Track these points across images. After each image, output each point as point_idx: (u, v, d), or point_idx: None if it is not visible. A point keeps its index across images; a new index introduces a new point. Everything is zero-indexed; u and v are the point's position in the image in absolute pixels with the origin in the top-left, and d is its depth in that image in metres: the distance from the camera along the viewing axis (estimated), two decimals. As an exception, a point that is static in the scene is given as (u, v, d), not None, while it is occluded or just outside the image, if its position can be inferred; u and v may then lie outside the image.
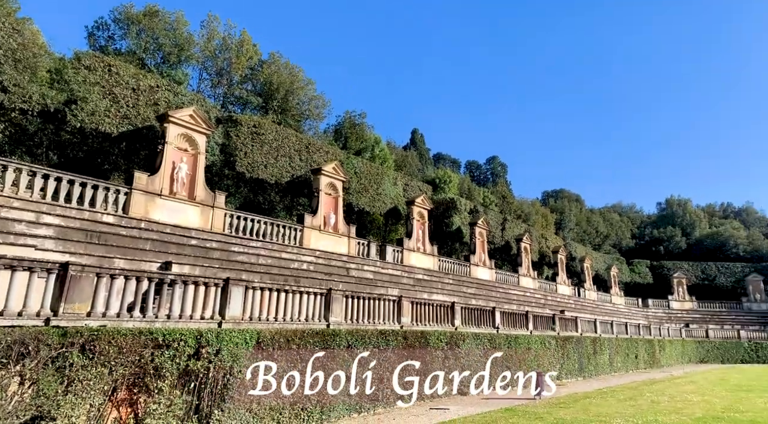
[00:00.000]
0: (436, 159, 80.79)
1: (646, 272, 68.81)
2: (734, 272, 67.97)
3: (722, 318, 59.83)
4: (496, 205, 56.28)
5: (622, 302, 58.04)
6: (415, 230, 32.60)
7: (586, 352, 29.07)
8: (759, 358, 48.51)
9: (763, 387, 22.71)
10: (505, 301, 35.89)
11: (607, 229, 75.05)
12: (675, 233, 75.82)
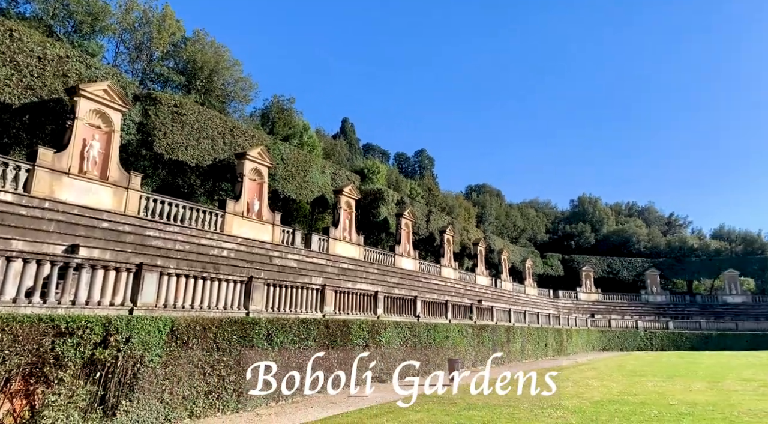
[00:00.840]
0: (366, 149, 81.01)
1: (558, 265, 73.05)
2: (635, 267, 73.73)
3: (623, 309, 64.75)
4: (422, 198, 57.37)
5: (535, 293, 61.25)
6: (342, 220, 32.58)
7: (500, 340, 30.45)
8: (653, 346, 53.01)
9: (654, 372, 24.87)
10: (427, 290, 36.79)
11: (524, 223, 78.77)
12: (585, 229, 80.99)
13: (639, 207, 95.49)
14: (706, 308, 66.02)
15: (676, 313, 64.02)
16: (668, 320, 58.37)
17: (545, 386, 17.47)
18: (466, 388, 17.51)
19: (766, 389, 18.04)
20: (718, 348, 51.22)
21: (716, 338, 54.06)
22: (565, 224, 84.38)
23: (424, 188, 60.43)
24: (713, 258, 73.58)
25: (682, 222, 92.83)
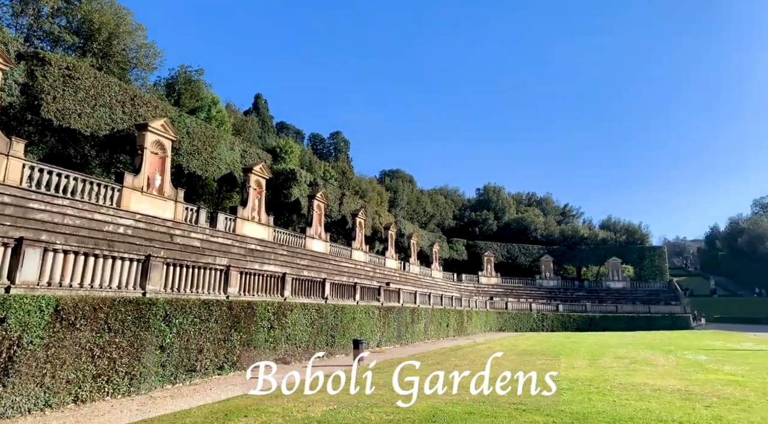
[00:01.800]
0: (280, 128, 79.08)
1: (463, 249, 76.25)
2: (532, 253, 78.75)
3: (519, 292, 69.03)
4: (335, 180, 57.20)
5: (440, 276, 63.57)
6: (251, 199, 31.71)
7: (405, 321, 31.37)
8: (544, 327, 57.12)
9: (543, 351, 26.84)
10: (337, 273, 36.94)
11: (433, 209, 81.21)
12: (489, 217, 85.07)
13: (538, 197, 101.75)
14: (591, 292, 72.07)
15: (565, 297, 69.29)
16: (558, 303, 63.13)
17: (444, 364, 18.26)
18: (370, 368, 17.91)
19: (635, 365, 20.11)
20: (600, 329, 56.23)
21: (599, 319, 59.31)
22: (471, 211, 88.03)
23: (338, 171, 60.25)
24: (600, 247, 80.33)
25: (575, 213, 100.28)
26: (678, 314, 61.28)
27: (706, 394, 12.71)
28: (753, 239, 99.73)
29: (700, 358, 23.14)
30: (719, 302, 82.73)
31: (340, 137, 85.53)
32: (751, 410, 10.73)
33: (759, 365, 20.01)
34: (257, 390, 12.52)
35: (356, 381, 14.43)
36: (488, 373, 16.92)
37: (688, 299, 69.85)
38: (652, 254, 79.74)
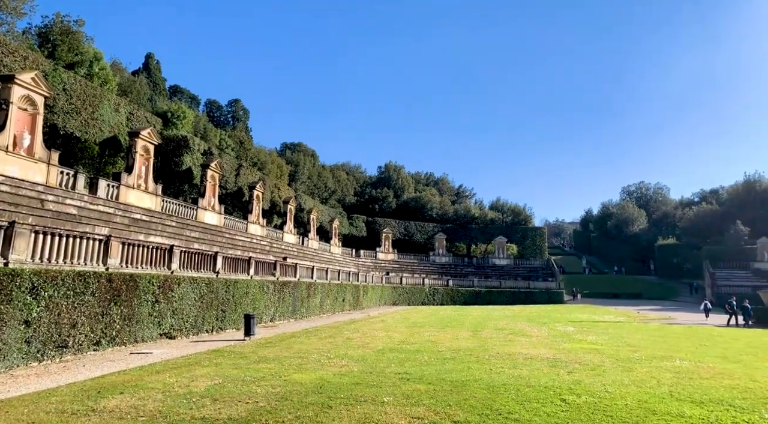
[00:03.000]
0: (173, 92, 74.06)
1: (363, 226, 77.24)
2: (428, 231, 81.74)
3: (414, 268, 71.51)
4: (233, 150, 54.94)
5: (339, 252, 64.02)
6: (137, 166, 29.57)
7: (301, 295, 31.32)
8: (435, 300, 59.87)
9: (431, 324, 28.16)
10: (231, 246, 35.81)
11: (335, 185, 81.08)
12: (389, 194, 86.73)
13: (435, 178, 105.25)
14: (479, 268, 76.51)
15: (456, 273, 72.93)
16: (449, 278, 66.34)
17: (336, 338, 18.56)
18: (260, 342, 17.73)
19: (512, 336, 21.77)
20: (485, 303, 60.03)
21: (485, 294, 63.25)
22: (371, 188, 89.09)
23: (235, 141, 57.88)
24: (489, 226, 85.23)
25: (468, 193, 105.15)
26: (554, 289, 66.98)
27: (570, 361, 14.09)
28: (620, 222, 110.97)
29: (569, 329, 25.55)
30: (589, 279, 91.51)
31: (239, 106, 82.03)
32: (604, 374, 12.08)
33: (616, 335, 22.54)
34: (136, 365, 11.92)
35: (245, 355, 14.24)
36: (379, 345, 17.51)
37: (562, 276, 76.45)
38: (534, 234, 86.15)
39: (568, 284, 75.06)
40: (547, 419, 7.77)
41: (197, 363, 12.75)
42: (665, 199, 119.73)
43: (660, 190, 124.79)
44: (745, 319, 31.89)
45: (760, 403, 9.00)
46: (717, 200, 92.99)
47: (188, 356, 14.10)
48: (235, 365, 12.50)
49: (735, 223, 76.72)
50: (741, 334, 25.25)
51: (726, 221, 79.32)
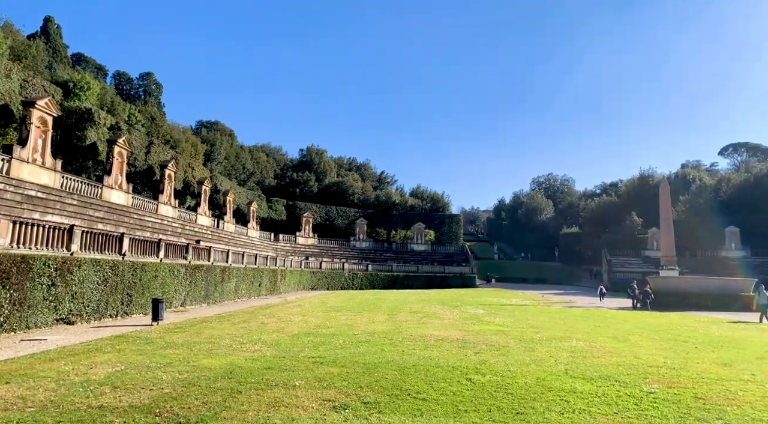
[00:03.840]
0: (76, 60, 68.39)
1: (282, 209, 75.98)
2: (349, 216, 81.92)
3: (334, 253, 71.52)
4: (143, 126, 51.83)
5: (257, 236, 62.59)
6: (32, 138, 27.09)
7: (215, 280, 30.37)
8: (354, 285, 60.35)
9: (349, 308, 28.39)
10: (139, 228, 33.89)
11: (254, 167, 78.90)
12: (310, 178, 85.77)
13: (358, 163, 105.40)
14: (398, 254, 77.94)
15: (375, 258, 73.80)
16: (369, 263, 67.08)
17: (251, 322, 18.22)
18: (169, 328, 17.04)
19: (426, 318, 22.46)
20: (403, 287, 61.38)
21: (402, 278, 64.65)
22: (292, 171, 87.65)
23: (146, 116, 54.61)
24: (409, 212, 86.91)
25: (390, 180, 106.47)
26: (467, 274, 69.74)
27: (477, 342, 14.77)
28: (529, 211, 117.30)
29: (479, 312, 26.75)
30: (500, 265, 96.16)
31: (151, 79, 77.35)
32: (508, 354, 12.79)
33: (521, 318, 23.90)
34: (26, 353, 11.06)
35: (152, 341, 13.63)
36: (295, 329, 17.41)
37: (475, 262, 79.69)
38: (451, 221, 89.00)
39: (481, 269, 78.46)
40: (453, 398, 8.11)
41: (98, 350, 12.03)
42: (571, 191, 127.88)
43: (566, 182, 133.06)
44: (643, 302, 34.21)
45: (641, 378, 9.93)
46: (616, 193, 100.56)
47: (88, 342, 13.27)
48: (139, 351, 11.93)
49: (630, 214, 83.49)
50: (630, 316, 27.65)
51: (623, 212, 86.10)
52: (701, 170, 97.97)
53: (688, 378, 9.92)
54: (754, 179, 76.57)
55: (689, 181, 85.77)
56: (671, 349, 14.20)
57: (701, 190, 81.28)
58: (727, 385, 9.33)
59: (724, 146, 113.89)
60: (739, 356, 12.93)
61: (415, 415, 7.13)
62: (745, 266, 61.41)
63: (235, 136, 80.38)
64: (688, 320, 24.55)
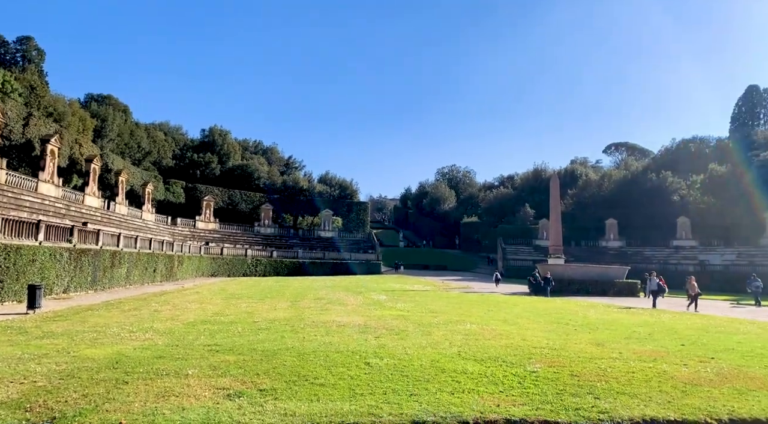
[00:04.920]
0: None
1: (181, 192, 72.24)
2: (254, 201, 79.70)
3: (237, 239, 69.34)
4: (21, 96, 46.70)
5: (152, 219, 59.07)
6: None
7: (103, 265, 28.35)
8: (257, 272, 59.02)
9: (250, 295, 27.73)
10: (14, 207, 30.67)
11: (150, 145, 73.99)
12: (213, 160, 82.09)
13: (264, 146, 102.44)
14: (305, 240, 77.23)
15: (281, 244, 72.57)
16: (274, 249, 65.84)
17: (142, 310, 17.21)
18: (47, 316, 15.65)
19: (330, 305, 22.52)
20: (309, 274, 60.94)
21: (308, 265, 64.22)
22: (193, 152, 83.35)
23: (25, 85, 49.21)
24: (317, 199, 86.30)
25: (297, 165, 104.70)
26: (373, 261, 70.74)
27: (378, 327, 15.07)
28: (433, 200, 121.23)
29: (382, 298, 27.29)
30: (404, 252, 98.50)
31: (31, 44, 69.59)
32: (407, 338, 13.18)
33: (421, 303, 24.72)
34: None
35: (26, 331, 12.46)
36: (191, 317, 16.72)
37: (381, 249, 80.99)
38: (359, 209, 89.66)
39: (386, 256, 79.87)
40: (350, 382, 8.22)
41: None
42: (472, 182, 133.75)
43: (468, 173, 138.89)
44: (544, 288, 35.98)
45: (526, 358, 10.67)
46: (512, 185, 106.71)
47: (-53, 335, 11.84)
48: (10, 342, 10.85)
49: (524, 205, 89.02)
50: (520, 301, 29.59)
51: (518, 203, 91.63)
52: (587, 167, 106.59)
53: (566, 358, 10.81)
54: (632, 176, 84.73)
55: (577, 176, 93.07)
56: (554, 331, 15.41)
57: (587, 185, 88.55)
58: (599, 363, 10.30)
59: (608, 145, 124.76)
60: (610, 337, 14.31)
61: (311, 400, 7.15)
62: (621, 255, 68.05)
63: (129, 113, 74.77)
64: (571, 305, 26.74)
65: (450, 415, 6.67)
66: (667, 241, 71.99)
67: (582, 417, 6.79)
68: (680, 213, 72.82)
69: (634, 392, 7.97)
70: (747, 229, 66.02)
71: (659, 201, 76.68)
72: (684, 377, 9.11)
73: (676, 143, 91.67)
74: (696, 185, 78.66)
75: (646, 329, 16.32)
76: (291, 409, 6.70)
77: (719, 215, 71.82)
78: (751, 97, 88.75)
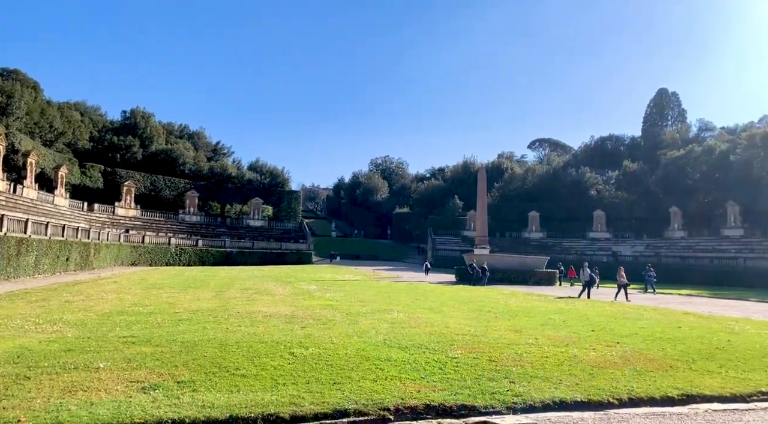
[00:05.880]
0: None
1: (99, 176, 68.05)
2: (178, 187, 76.44)
3: (160, 226, 66.38)
4: None
5: (66, 204, 55.28)
6: None
7: (8, 253, 26.30)
8: (181, 261, 56.87)
9: (173, 285, 26.69)
10: None
11: (64, 126, 68.81)
12: (134, 143, 77.60)
13: (191, 131, 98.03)
14: (233, 229, 75.17)
15: (207, 232, 70.25)
16: (199, 238, 63.67)
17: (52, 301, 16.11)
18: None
19: (257, 295, 22.11)
20: (237, 263, 59.43)
21: (236, 254, 62.66)
22: (113, 134, 78.40)
23: None
24: (246, 186, 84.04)
25: (226, 151, 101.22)
26: (304, 250, 70.09)
27: (306, 317, 14.97)
28: (366, 191, 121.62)
29: (311, 287, 27.13)
30: (336, 242, 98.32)
31: (-75, 7, 62.69)
32: (334, 327, 13.18)
33: (351, 292, 24.82)
34: None
35: None
36: (106, 308, 15.88)
37: (313, 239, 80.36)
38: (290, 198, 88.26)
39: (318, 246, 79.35)
40: (273, 372, 8.13)
41: None
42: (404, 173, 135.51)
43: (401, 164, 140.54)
44: (480, 278, 36.67)
45: (448, 345, 10.99)
46: (443, 177, 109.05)
47: None
48: None
49: (454, 197, 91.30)
50: (447, 290, 30.42)
51: (448, 195, 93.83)
52: (513, 161, 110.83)
53: (486, 344, 11.24)
54: (553, 171, 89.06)
55: (503, 170, 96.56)
56: (476, 318, 15.97)
57: (512, 179, 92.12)
58: (516, 348, 10.78)
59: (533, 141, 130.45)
60: (528, 323, 15.02)
61: (231, 391, 7.01)
62: (542, 246, 71.44)
63: (40, 90, 69.10)
64: (494, 293, 27.82)
65: (371, 402, 6.76)
66: (585, 233, 76.41)
67: (498, 401, 7.09)
68: (596, 207, 77.44)
69: (547, 376, 8.43)
70: (655, 222, 71.32)
71: (578, 195, 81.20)
72: (592, 360, 9.73)
73: (595, 141, 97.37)
74: (611, 181, 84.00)
75: (561, 316, 17.28)
76: (209, 400, 6.53)
77: (631, 208, 77.24)
78: (660, 99, 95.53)
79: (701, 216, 69.01)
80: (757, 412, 7.22)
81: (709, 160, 70.31)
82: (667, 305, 23.22)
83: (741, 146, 66.94)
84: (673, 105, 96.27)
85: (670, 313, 19.21)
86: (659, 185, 74.18)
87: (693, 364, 9.69)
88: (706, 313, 19.71)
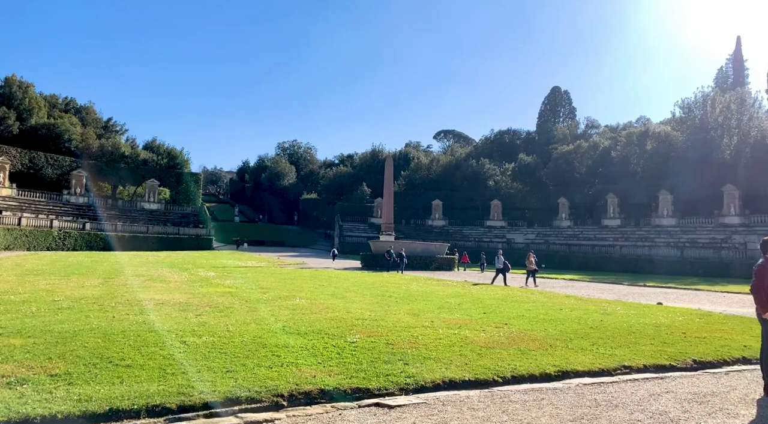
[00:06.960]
0: None
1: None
2: (63, 165, 69.93)
3: (40, 208, 60.45)
4: None
5: (-77, 181, 48.63)
6: None
7: None
8: (66, 246, 52.34)
9: (54, 271, 24.52)
10: None
11: None
12: (9, 116, 69.50)
13: (78, 105, 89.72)
14: (125, 212, 70.31)
15: (96, 215, 64.98)
16: (87, 221, 58.90)
17: None
18: None
19: (150, 282, 20.93)
20: (130, 249, 55.65)
21: (129, 239, 58.76)
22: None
23: None
24: (141, 167, 78.74)
25: (119, 128, 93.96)
26: (203, 236, 67.34)
27: (202, 305, 14.40)
28: (273, 175, 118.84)
29: (210, 274, 26.15)
30: (239, 227, 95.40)
31: None
32: (231, 315, 12.80)
33: (252, 279, 24.25)
34: None
35: None
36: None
37: (214, 224, 77.47)
38: (190, 180, 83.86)
39: (220, 231, 76.58)
40: (161, 362, 7.75)
41: None
42: (313, 159, 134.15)
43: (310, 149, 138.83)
44: (398, 264, 36.97)
45: (347, 330, 11.10)
46: (351, 164, 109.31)
47: None
48: None
49: (362, 184, 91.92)
50: (351, 275, 30.68)
51: (356, 182, 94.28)
52: (420, 150, 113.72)
53: (385, 328, 11.49)
54: (456, 162, 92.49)
55: (410, 159, 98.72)
56: (377, 303, 16.28)
57: (418, 168, 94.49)
58: (413, 331, 11.13)
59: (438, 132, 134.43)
60: (425, 307, 15.56)
61: (113, 383, 6.58)
62: (444, 233, 74.20)
63: None
64: (396, 278, 28.51)
65: (265, 389, 6.67)
66: (483, 221, 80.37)
67: (391, 382, 7.29)
68: (494, 196, 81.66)
69: (439, 357, 8.79)
70: (546, 212, 76.65)
71: (478, 185, 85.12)
72: (481, 341, 10.29)
73: (494, 134, 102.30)
74: (508, 172, 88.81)
75: (457, 299, 18.09)
76: (87, 393, 6.09)
77: (524, 199, 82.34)
78: (554, 97, 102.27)
79: (586, 207, 75.23)
80: (620, 384, 8.04)
81: (593, 156, 76.69)
82: (552, 289, 25.14)
83: (621, 143, 73.69)
84: (565, 103, 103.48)
85: (554, 296, 20.78)
86: (550, 177, 79.66)
87: (570, 342, 10.56)
88: (585, 296, 21.57)
